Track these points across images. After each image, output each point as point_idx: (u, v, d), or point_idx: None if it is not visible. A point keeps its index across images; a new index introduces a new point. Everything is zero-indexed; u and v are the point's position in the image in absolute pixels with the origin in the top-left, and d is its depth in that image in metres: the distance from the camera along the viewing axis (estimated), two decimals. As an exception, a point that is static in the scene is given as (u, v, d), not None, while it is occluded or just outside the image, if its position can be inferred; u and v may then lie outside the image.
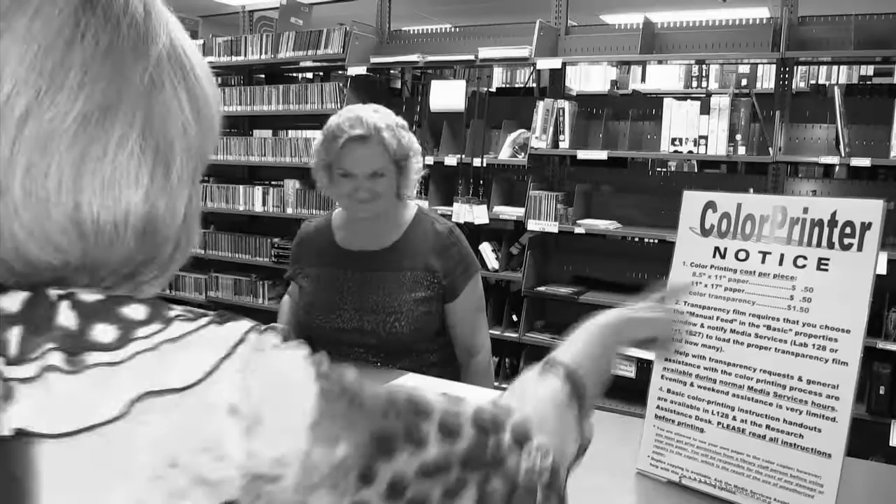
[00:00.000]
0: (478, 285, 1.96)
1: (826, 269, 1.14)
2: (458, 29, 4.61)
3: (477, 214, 3.87)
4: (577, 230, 3.66)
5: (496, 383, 3.74)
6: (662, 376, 1.30)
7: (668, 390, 1.29)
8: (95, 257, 0.54)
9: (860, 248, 1.12)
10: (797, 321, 1.15)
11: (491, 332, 3.74)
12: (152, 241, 0.56)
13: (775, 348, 1.17)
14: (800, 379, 1.14)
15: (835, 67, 5.23)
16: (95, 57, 0.52)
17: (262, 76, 5.23)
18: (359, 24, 4.33)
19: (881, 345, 3.08)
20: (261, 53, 4.61)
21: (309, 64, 4.76)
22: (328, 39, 4.33)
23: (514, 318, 3.94)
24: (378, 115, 1.83)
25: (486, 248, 3.92)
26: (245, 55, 4.68)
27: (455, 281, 1.89)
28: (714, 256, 1.26)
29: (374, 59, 4.19)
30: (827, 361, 1.12)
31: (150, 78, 0.55)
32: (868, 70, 5.14)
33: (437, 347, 1.94)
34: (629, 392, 3.66)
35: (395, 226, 1.92)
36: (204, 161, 0.61)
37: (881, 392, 3.14)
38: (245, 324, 0.55)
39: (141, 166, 0.54)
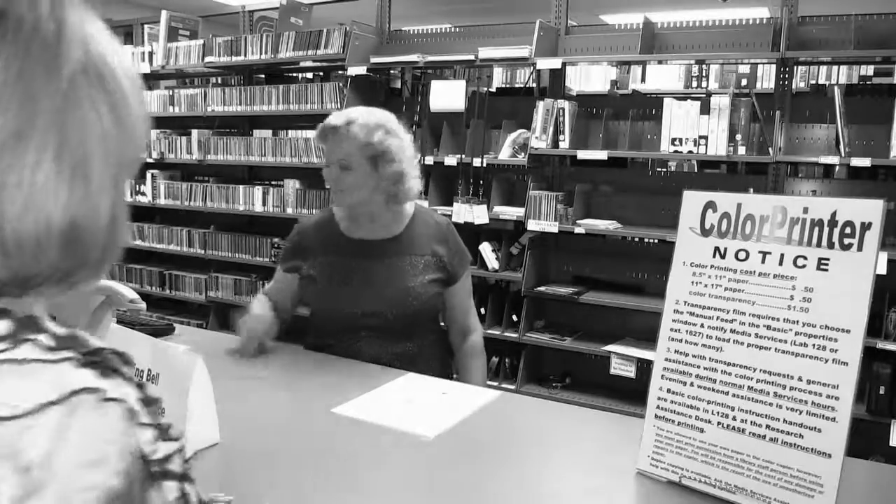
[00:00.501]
0: (469, 274, 2.15)
1: (826, 269, 1.14)
2: (457, 29, 4.61)
3: (477, 214, 3.86)
4: (578, 230, 3.66)
5: (496, 383, 3.74)
6: (662, 376, 1.30)
7: (668, 390, 1.29)
8: (20, 271, 0.54)
9: (860, 248, 1.12)
10: (797, 321, 1.15)
11: (491, 331, 3.77)
12: (77, 248, 0.56)
13: (775, 348, 1.17)
14: (800, 379, 1.14)
15: (835, 67, 5.23)
16: (6, 85, 0.52)
17: (262, 76, 5.23)
18: (359, 24, 4.33)
19: (881, 345, 3.08)
20: (261, 53, 4.60)
21: (309, 64, 4.76)
22: (328, 39, 4.33)
23: (514, 318, 3.93)
24: (365, 113, 1.94)
25: (486, 248, 3.92)
26: (245, 55, 4.68)
27: (455, 267, 2.06)
28: (714, 256, 1.26)
29: (374, 59, 4.19)
30: (827, 361, 1.12)
31: (64, 96, 0.54)
32: (868, 70, 5.14)
33: (436, 329, 2.12)
34: (629, 392, 3.66)
35: (399, 218, 2.05)
36: (127, 163, 0.60)
37: (881, 392, 3.14)
38: (97, 380, 0.53)
39: (59, 182, 0.54)
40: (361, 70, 4.19)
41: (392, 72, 4.48)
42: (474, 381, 2.07)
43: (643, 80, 5.56)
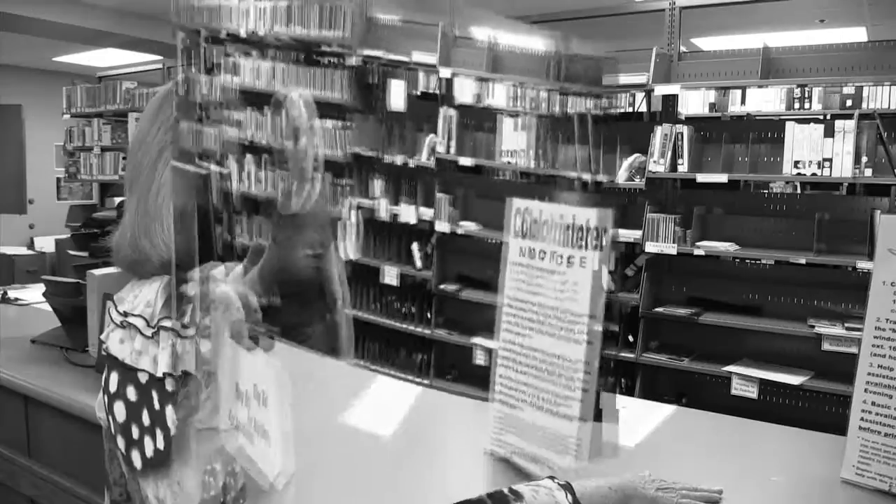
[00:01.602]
0: None
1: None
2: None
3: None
4: (697, 252, 3.71)
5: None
6: (866, 390, 1.37)
7: (873, 403, 1.36)
8: None
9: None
10: None
11: (607, 352, 3.83)
12: None
13: None
14: None
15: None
16: None
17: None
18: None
19: None
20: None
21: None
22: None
23: (630, 338, 3.99)
24: None
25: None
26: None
27: None
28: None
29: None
30: None
31: None
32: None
33: None
34: (749, 413, 3.62)
35: None
36: None
37: None
38: None
39: None
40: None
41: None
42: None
43: (743, 102, 5.55)
